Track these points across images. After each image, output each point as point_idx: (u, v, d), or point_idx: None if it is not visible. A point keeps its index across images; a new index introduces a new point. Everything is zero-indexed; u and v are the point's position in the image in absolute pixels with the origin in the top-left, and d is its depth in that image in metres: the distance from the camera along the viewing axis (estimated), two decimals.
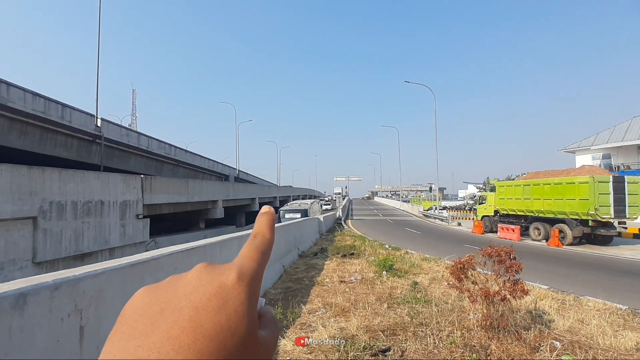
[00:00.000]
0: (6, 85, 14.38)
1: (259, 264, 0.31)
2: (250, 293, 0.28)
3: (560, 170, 18.52)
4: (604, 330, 4.42)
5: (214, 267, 0.29)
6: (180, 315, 0.25)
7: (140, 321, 0.25)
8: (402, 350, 3.79)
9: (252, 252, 0.32)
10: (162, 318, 0.25)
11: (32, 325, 1.76)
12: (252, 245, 0.32)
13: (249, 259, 0.31)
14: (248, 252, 0.32)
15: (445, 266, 8.28)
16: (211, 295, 0.26)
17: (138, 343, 0.23)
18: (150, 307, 0.26)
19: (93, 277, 2.19)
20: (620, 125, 28.52)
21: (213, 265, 0.30)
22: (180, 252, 3.42)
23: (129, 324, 0.25)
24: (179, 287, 0.27)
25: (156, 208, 14.77)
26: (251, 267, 0.30)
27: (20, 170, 8.55)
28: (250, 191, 30.63)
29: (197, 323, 0.24)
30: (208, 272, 0.28)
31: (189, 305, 0.25)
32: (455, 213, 32.65)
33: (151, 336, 0.24)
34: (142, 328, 0.25)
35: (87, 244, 10.39)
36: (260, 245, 0.33)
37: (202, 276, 0.28)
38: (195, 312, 0.25)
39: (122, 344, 0.24)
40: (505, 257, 4.38)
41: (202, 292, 0.26)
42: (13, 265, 8.23)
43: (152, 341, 0.23)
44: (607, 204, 13.33)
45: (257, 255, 0.31)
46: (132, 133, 24.34)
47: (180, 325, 0.24)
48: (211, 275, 0.28)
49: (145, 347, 0.23)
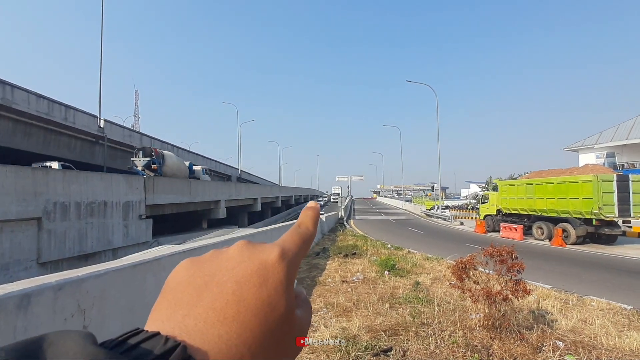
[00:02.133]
0: (10, 87, 14.49)
1: (300, 248, 0.32)
2: (289, 273, 0.29)
3: (563, 169, 18.40)
4: (608, 331, 4.39)
5: (255, 245, 0.30)
6: (224, 288, 0.26)
7: (186, 291, 0.26)
8: (404, 350, 3.79)
9: (295, 237, 0.33)
10: (206, 290, 0.26)
11: (36, 326, 1.78)
12: (296, 232, 0.33)
13: (291, 242, 0.32)
14: (291, 237, 0.33)
15: (447, 266, 8.26)
16: (253, 271, 0.27)
17: (185, 312, 0.25)
18: (194, 278, 0.27)
19: (96, 277, 2.21)
20: (625, 123, 28.28)
21: (254, 243, 0.31)
22: (183, 252, 3.45)
23: (174, 294, 0.26)
24: (221, 261, 0.29)
25: (159, 208, 14.83)
26: (292, 249, 0.31)
27: (24, 171, 8.63)
28: (252, 191, 30.67)
29: (240, 297, 0.25)
30: (249, 249, 0.29)
31: (232, 280, 0.26)
32: (458, 212, 32.57)
33: (197, 306, 0.25)
34: (188, 298, 0.26)
35: (91, 244, 10.46)
36: (303, 234, 0.34)
37: (244, 252, 0.29)
38: (238, 286, 0.26)
39: (169, 312, 0.25)
40: (507, 257, 4.37)
41: (245, 268, 0.27)
42: (18, 266, 8.30)
43: (198, 311, 0.25)
44: (611, 203, 13.23)
45: (299, 241, 0.32)
46: (135, 134, 24.47)
47: (225, 298, 0.25)
48: (252, 252, 0.29)
49: (191, 316, 0.24)
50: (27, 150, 16.00)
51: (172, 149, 28.67)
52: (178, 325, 0.24)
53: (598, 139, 29.96)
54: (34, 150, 16.27)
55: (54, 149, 17.38)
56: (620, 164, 27.53)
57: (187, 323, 0.24)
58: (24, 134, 15.70)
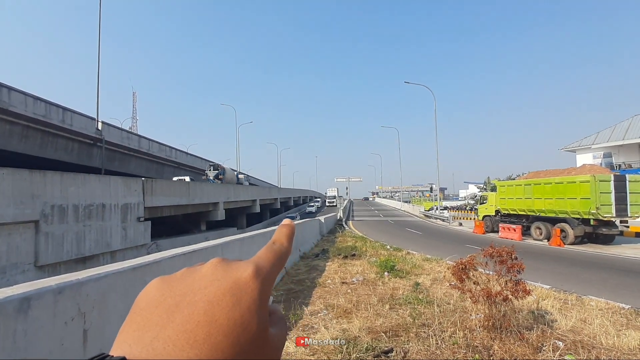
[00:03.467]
0: (7, 89, 14.43)
1: (274, 265, 0.32)
2: (263, 290, 0.28)
3: (561, 169, 18.49)
4: (607, 330, 4.40)
5: (229, 262, 0.30)
6: (195, 309, 0.25)
7: (156, 312, 0.26)
8: (404, 351, 3.78)
9: (270, 254, 0.33)
10: (177, 310, 0.25)
11: (36, 329, 1.76)
12: (271, 249, 0.33)
13: (265, 260, 0.31)
14: (265, 254, 0.32)
15: (446, 267, 8.27)
16: (226, 290, 0.27)
17: (153, 334, 0.24)
18: (165, 299, 0.27)
19: (96, 280, 2.20)
20: (621, 123, 28.45)
21: (228, 260, 0.30)
22: (182, 254, 3.43)
23: (143, 315, 0.26)
24: (194, 280, 0.28)
25: (157, 210, 14.77)
26: (266, 266, 0.30)
27: (21, 174, 8.57)
28: (251, 193, 30.61)
29: (212, 318, 0.25)
30: (223, 267, 0.29)
31: (204, 299, 0.26)
32: (457, 213, 32.63)
33: (166, 328, 0.24)
34: (157, 320, 0.25)
35: (89, 247, 10.40)
36: (277, 250, 0.34)
37: (217, 270, 0.28)
38: (210, 306, 0.25)
39: (137, 334, 0.24)
40: (507, 258, 4.38)
41: (218, 287, 0.27)
42: (15, 269, 8.24)
43: (168, 334, 0.24)
44: (609, 203, 13.31)
45: (273, 258, 0.32)
46: (133, 136, 24.40)
47: (195, 319, 0.24)
48: (226, 270, 0.28)
49: (160, 339, 0.23)
50: (24, 152, 15.91)
51: (170, 151, 28.62)
52: (146, 349, 0.23)
53: (595, 139, 30.12)
54: (31, 153, 16.19)
55: (51, 151, 17.30)
56: (617, 164, 27.68)
57: (155, 346, 0.23)
58: (21, 137, 15.62)
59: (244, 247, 5.66)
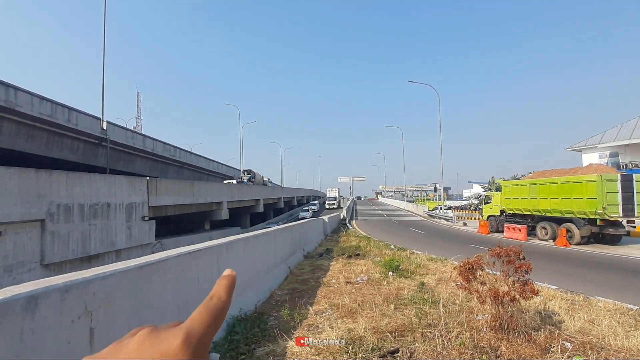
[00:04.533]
0: (14, 89, 14.56)
1: (209, 327, 0.30)
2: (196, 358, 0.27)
3: (566, 169, 18.33)
4: (616, 331, 4.34)
5: (158, 332, 0.28)
6: None
7: None
8: (410, 351, 3.76)
9: (204, 314, 0.31)
10: None
11: (43, 328, 1.76)
12: (206, 308, 0.31)
13: (199, 322, 0.30)
14: (199, 315, 0.31)
15: (452, 267, 8.22)
16: None
17: None
18: None
19: (102, 279, 2.20)
20: (628, 123, 28.13)
21: (157, 330, 0.29)
22: (188, 253, 3.43)
23: None
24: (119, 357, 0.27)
25: (162, 210, 14.85)
26: (200, 330, 0.29)
27: (28, 173, 8.64)
28: (254, 192, 30.68)
29: None
30: (150, 340, 0.28)
31: None
32: (461, 213, 32.47)
33: None
34: None
35: (94, 246, 10.48)
36: (214, 307, 0.32)
37: (144, 345, 0.27)
38: None
39: None
40: (515, 257, 4.33)
41: None
42: (22, 268, 8.31)
43: None
44: (616, 203, 13.16)
45: (208, 318, 0.31)
46: (137, 136, 24.53)
47: None
48: (153, 343, 0.27)
49: None
50: (31, 152, 16.06)
51: (174, 150, 28.73)
52: None
53: (601, 138, 29.82)
54: (37, 153, 16.33)
55: (57, 150, 17.44)
56: (624, 164, 27.37)
57: None
58: (27, 136, 15.76)
59: (248, 246, 5.66)
